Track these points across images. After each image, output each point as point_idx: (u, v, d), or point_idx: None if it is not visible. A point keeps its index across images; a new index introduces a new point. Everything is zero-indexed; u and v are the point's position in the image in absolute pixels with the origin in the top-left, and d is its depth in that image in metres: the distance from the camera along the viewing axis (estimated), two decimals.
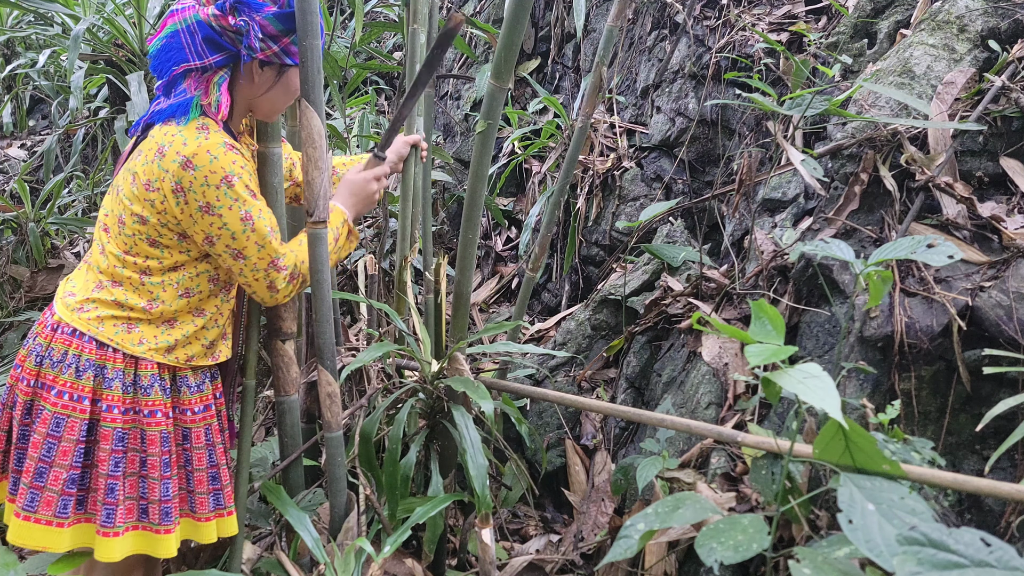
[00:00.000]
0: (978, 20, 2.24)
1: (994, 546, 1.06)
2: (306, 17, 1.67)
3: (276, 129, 1.85)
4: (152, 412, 1.70)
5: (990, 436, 1.79)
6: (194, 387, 1.77)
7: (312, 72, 1.73)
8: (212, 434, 1.79)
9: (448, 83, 5.22)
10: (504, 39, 1.83)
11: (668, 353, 2.74)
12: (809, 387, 1.34)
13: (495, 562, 2.00)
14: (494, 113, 1.93)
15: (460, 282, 2.14)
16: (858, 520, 1.29)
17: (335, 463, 1.99)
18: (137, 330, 1.69)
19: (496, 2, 4.89)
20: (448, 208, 4.62)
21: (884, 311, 1.91)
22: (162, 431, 1.70)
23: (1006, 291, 1.80)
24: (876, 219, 2.14)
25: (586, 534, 2.55)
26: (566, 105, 4.37)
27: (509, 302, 4.13)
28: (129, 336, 1.68)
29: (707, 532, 1.47)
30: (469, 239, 2.07)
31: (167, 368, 1.73)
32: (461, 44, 3.90)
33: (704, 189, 3.40)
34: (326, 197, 1.81)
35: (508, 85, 1.89)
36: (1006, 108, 2.06)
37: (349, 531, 2.00)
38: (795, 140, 2.65)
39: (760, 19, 3.31)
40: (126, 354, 1.68)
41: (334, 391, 1.96)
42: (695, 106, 3.43)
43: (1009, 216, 1.96)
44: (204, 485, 1.77)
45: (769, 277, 2.37)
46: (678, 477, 2.09)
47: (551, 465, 2.89)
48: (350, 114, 4.30)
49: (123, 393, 1.67)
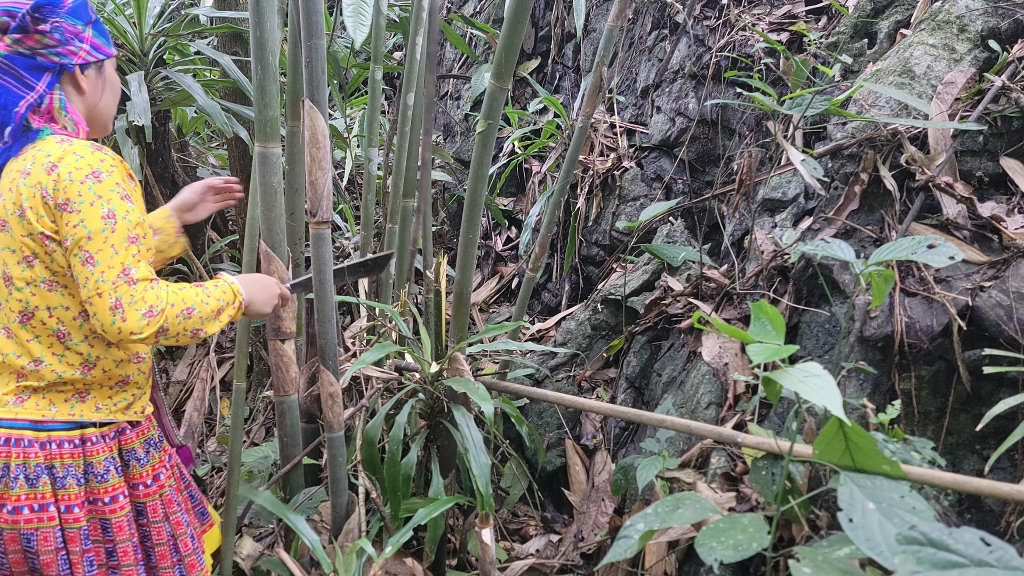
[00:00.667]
0: (978, 20, 2.25)
1: (994, 546, 1.06)
2: (311, 17, 1.68)
3: (275, 128, 1.85)
4: (114, 498, 1.56)
5: (990, 436, 1.79)
6: (143, 459, 1.64)
7: (316, 73, 1.73)
8: (167, 504, 1.67)
9: (448, 83, 5.22)
10: (504, 39, 1.83)
11: (668, 353, 2.74)
12: (810, 386, 1.34)
13: (495, 562, 2.00)
14: (494, 113, 1.94)
15: (460, 282, 2.15)
16: (858, 519, 1.29)
17: (337, 463, 2.00)
18: (90, 397, 1.56)
19: (496, 2, 4.89)
20: (448, 208, 4.62)
21: (884, 311, 1.91)
22: (127, 514, 1.58)
23: (1006, 291, 1.80)
24: (876, 219, 2.14)
25: (586, 534, 2.55)
26: (566, 105, 4.37)
27: (509, 302, 4.13)
28: (84, 405, 1.55)
29: (707, 531, 1.47)
30: (470, 239, 2.07)
31: (114, 445, 1.59)
32: (461, 44, 3.90)
33: (704, 189, 3.40)
34: (329, 197, 1.81)
35: (508, 85, 1.89)
36: (1006, 108, 2.06)
37: (350, 532, 2.00)
38: (795, 140, 2.65)
39: (760, 19, 3.31)
40: (72, 444, 1.52)
41: (336, 391, 1.96)
42: (695, 106, 3.43)
43: (1009, 216, 1.96)
44: (168, 559, 1.66)
45: (769, 277, 2.37)
46: (678, 477, 2.10)
47: (551, 465, 2.89)
48: (350, 114, 4.30)
49: (78, 488, 1.53)
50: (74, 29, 1.51)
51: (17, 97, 1.48)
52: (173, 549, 1.66)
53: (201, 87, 2.93)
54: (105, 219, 1.42)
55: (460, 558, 2.47)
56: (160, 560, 1.65)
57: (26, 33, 1.47)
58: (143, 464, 1.63)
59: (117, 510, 1.56)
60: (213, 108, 2.89)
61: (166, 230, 1.84)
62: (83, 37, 1.53)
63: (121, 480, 1.58)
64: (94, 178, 1.43)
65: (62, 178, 1.43)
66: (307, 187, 1.80)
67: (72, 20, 1.51)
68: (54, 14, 1.49)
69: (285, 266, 1.93)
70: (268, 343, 2.01)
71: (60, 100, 1.52)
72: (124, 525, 1.57)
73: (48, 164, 1.44)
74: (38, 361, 1.50)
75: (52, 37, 1.48)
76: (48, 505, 1.50)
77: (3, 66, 1.47)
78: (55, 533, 1.50)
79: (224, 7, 3.21)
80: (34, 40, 1.48)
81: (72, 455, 1.52)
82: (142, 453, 1.64)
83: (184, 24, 3.22)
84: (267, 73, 1.79)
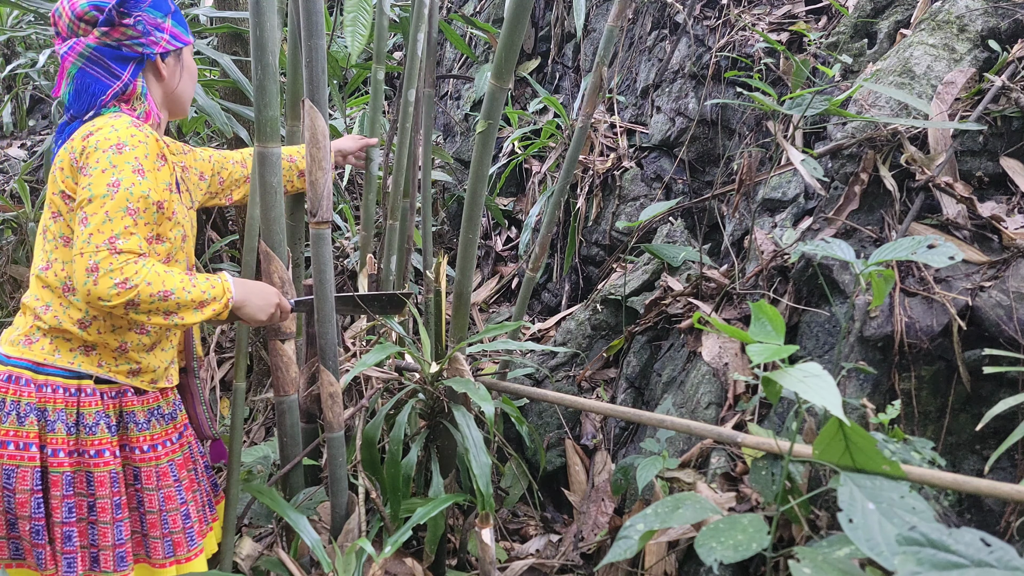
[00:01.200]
0: (978, 20, 2.25)
1: (994, 546, 1.06)
2: (311, 17, 1.68)
3: (275, 128, 1.85)
4: (99, 452, 1.60)
5: (990, 436, 1.79)
6: (142, 424, 1.68)
7: (316, 72, 1.73)
8: (162, 476, 1.69)
9: (448, 83, 5.22)
10: (504, 39, 1.83)
11: (668, 353, 2.74)
12: (810, 385, 1.34)
13: (495, 562, 2.00)
14: (495, 113, 1.93)
15: (460, 282, 2.14)
16: (859, 519, 1.29)
17: (336, 464, 2.00)
18: (95, 353, 1.62)
19: (496, 1, 4.89)
20: (448, 208, 4.62)
21: (884, 311, 1.91)
22: (111, 471, 1.61)
23: (1006, 291, 1.80)
24: (876, 219, 2.14)
25: (586, 534, 2.55)
26: (566, 105, 4.37)
27: (509, 302, 4.13)
28: (87, 359, 1.61)
29: (707, 531, 1.47)
30: (470, 239, 2.07)
31: (112, 404, 1.64)
32: (460, 44, 3.90)
33: (704, 189, 3.40)
34: (329, 197, 1.81)
35: (508, 85, 1.89)
36: (1006, 108, 2.06)
37: (350, 532, 2.00)
38: (795, 140, 2.65)
39: (760, 19, 3.31)
40: (67, 392, 1.59)
41: (336, 391, 1.96)
42: (695, 106, 3.43)
43: (1009, 216, 1.96)
44: (158, 529, 1.68)
45: (769, 277, 2.37)
46: (678, 477, 2.10)
47: (551, 465, 2.89)
48: (350, 114, 4.30)
49: (67, 435, 1.58)
50: (155, 21, 1.63)
51: (105, 86, 1.60)
52: (164, 522, 1.69)
53: (201, 87, 2.93)
54: (109, 186, 1.49)
55: (460, 558, 2.47)
56: (151, 528, 1.69)
57: (112, 26, 1.58)
58: (141, 429, 1.68)
59: (101, 464, 1.61)
60: (213, 108, 2.89)
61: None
62: (163, 27, 1.65)
63: (112, 437, 1.63)
64: (116, 149, 1.51)
65: (90, 144, 1.52)
66: (307, 187, 1.80)
67: (153, 13, 1.63)
68: (138, 7, 1.60)
69: (285, 266, 1.93)
70: (268, 343, 2.01)
71: (142, 88, 1.64)
72: (106, 481, 1.61)
73: (86, 132, 1.54)
74: (47, 306, 1.61)
75: (136, 29, 1.60)
76: (31, 445, 1.56)
77: (93, 57, 1.59)
78: (33, 474, 1.56)
79: (224, 7, 3.21)
80: (120, 32, 1.59)
81: (65, 402, 1.59)
82: (142, 419, 1.69)
83: None
84: (267, 73, 1.79)
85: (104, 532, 1.61)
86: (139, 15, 1.60)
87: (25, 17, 4.78)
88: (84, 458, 1.61)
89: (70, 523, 1.58)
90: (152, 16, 1.62)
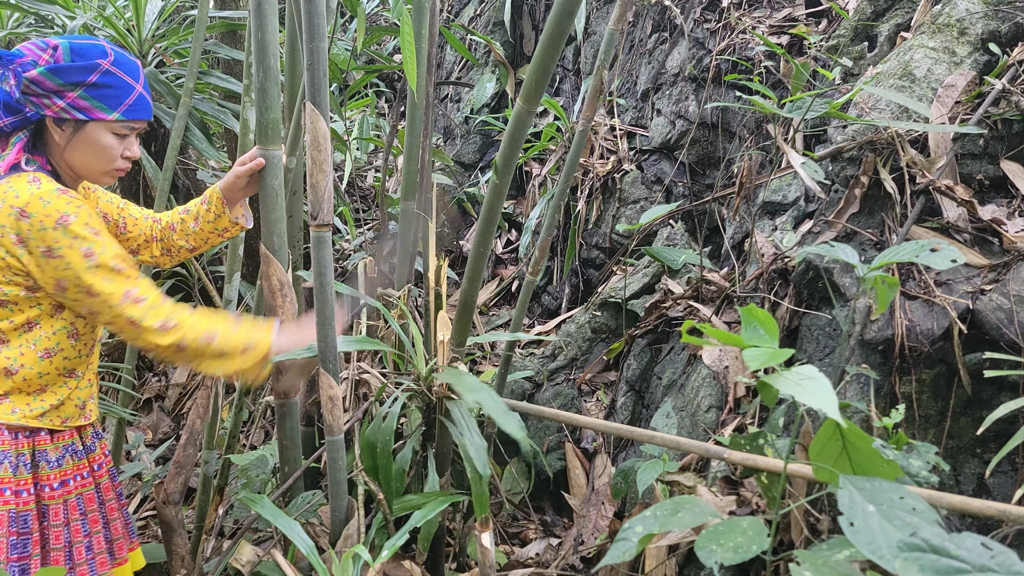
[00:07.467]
0: (978, 23, 2.25)
1: (995, 551, 1.05)
2: (312, 20, 1.68)
3: (276, 131, 1.85)
4: (15, 492, 1.63)
5: (991, 439, 1.78)
6: (53, 462, 1.71)
7: (318, 75, 1.73)
8: (70, 511, 1.72)
9: (448, 86, 5.22)
10: (538, 62, 1.75)
11: (668, 356, 2.73)
12: (805, 388, 1.34)
13: (495, 566, 2.00)
14: (519, 134, 1.86)
15: (467, 291, 2.13)
16: (859, 522, 1.28)
17: (336, 467, 1.99)
18: (8, 400, 1.66)
19: (496, 5, 4.89)
20: (448, 209, 4.62)
21: (885, 314, 1.91)
22: (9, 510, 1.63)
23: (1007, 294, 1.80)
24: (876, 222, 2.14)
25: (586, 537, 2.54)
26: (566, 108, 4.37)
27: (509, 305, 4.13)
28: (0, 407, 1.65)
29: (707, 534, 1.47)
30: (481, 252, 2.06)
31: (23, 443, 1.67)
32: (461, 48, 3.90)
33: (704, 192, 3.40)
34: (330, 200, 1.80)
35: (536, 108, 1.83)
36: (1006, 111, 2.06)
37: (349, 538, 1.99)
38: (795, 143, 2.65)
39: (760, 22, 3.31)
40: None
41: (336, 395, 1.96)
42: (695, 109, 3.43)
43: (1010, 219, 1.96)
44: (61, 564, 1.70)
45: (769, 280, 2.37)
46: (678, 480, 2.09)
47: (551, 468, 2.89)
48: (350, 116, 4.30)
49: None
50: (51, 86, 1.63)
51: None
52: (67, 556, 1.71)
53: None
54: (86, 257, 1.59)
55: (459, 561, 2.46)
56: (53, 564, 1.70)
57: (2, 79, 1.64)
58: (52, 467, 1.71)
59: (21, 504, 1.64)
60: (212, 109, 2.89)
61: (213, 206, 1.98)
62: (64, 96, 1.65)
63: (14, 476, 1.65)
64: (63, 224, 1.57)
65: (34, 227, 1.56)
66: (309, 190, 1.80)
67: (51, 77, 1.63)
68: (21, 68, 1.62)
69: (284, 269, 1.93)
70: None
71: (16, 138, 1.67)
72: (4, 520, 1.63)
73: (17, 211, 1.56)
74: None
75: (30, 88, 1.63)
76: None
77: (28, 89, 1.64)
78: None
79: (224, 7, 3.21)
80: (8, 85, 1.64)
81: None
82: (53, 456, 1.71)
83: (184, 27, 3.23)
84: (268, 76, 1.79)
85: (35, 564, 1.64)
86: (37, 76, 1.60)
87: (25, 19, 4.78)
88: (4, 495, 1.63)
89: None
90: (45, 78, 1.62)
